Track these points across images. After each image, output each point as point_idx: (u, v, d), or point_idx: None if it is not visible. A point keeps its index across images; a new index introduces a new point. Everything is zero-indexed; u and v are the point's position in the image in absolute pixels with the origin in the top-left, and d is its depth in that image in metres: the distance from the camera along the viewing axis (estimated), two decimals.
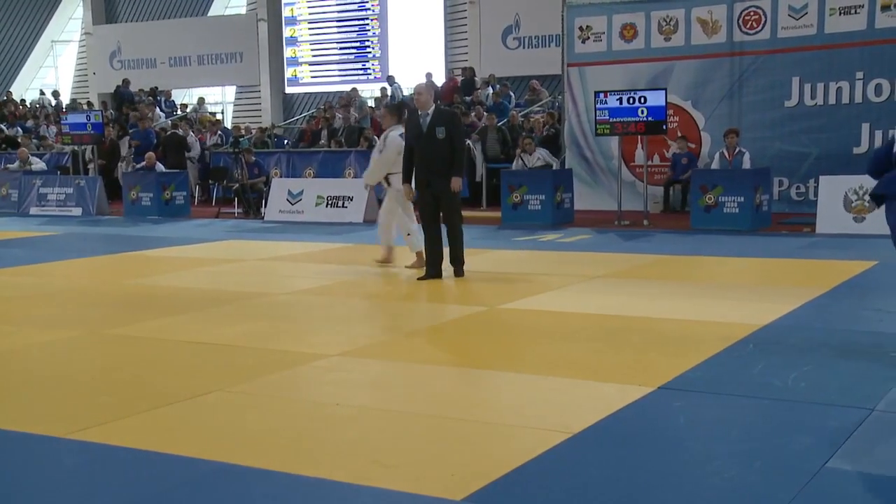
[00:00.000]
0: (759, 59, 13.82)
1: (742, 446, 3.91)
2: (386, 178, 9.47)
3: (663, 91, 13.18)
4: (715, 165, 13.44)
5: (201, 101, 24.50)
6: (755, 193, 12.45)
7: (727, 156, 13.24)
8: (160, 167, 17.42)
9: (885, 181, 5.57)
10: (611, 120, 13.30)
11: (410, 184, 8.66)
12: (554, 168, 15.03)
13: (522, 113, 18.20)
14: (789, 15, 13.54)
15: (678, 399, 4.61)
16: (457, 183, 8.50)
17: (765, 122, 13.85)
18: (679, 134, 14.48)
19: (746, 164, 13.07)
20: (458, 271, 8.64)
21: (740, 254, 10.08)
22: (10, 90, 28.49)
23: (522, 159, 14.80)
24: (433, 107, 8.70)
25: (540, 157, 15.16)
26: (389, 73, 22.80)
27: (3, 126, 24.17)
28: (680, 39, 14.37)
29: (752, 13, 13.80)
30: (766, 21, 13.72)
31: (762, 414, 4.38)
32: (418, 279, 8.61)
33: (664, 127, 13.30)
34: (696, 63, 14.26)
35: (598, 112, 13.50)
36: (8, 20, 30.05)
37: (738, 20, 13.90)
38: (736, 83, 14.03)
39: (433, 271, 8.58)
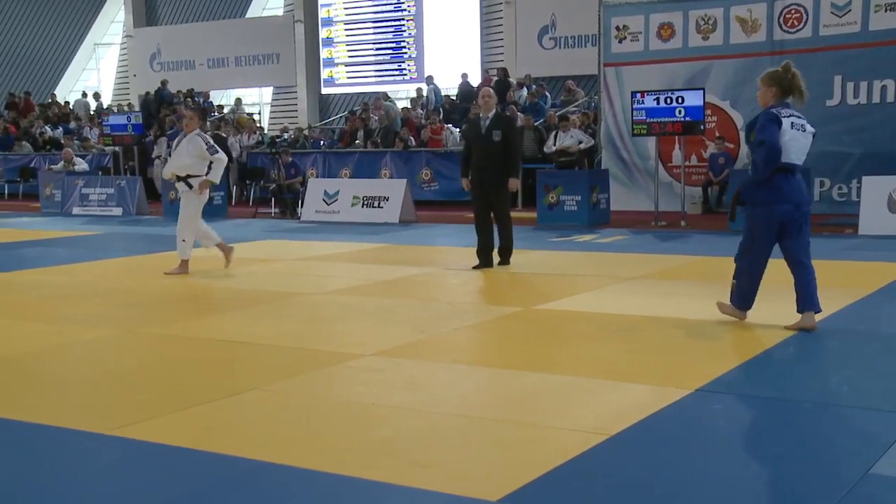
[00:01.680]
0: (799, 58, 13.55)
1: (782, 450, 3.84)
2: (186, 180, 9.19)
3: (701, 91, 13.05)
4: None
5: (239, 101, 24.70)
6: None
7: None
8: None
9: None
10: (648, 120, 13.21)
11: (467, 179, 9.32)
12: (583, 146, 15.25)
13: (559, 113, 18.11)
14: (832, 12, 13.34)
15: (716, 402, 4.55)
16: (513, 184, 9.22)
17: None
18: (717, 134, 14.33)
19: None
20: (506, 260, 9.30)
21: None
22: (55, 92, 28.96)
23: (556, 138, 15.11)
24: (494, 111, 9.29)
25: (573, 135, 15.32)
26: (427, 74, 22.81)
27: (47, 127, 24.55)
28: (718, 38, 14.21)
29: (793, 11, 13.62)
30: (807, 19, 13.53)
31: (803, 418, 4.31)
32: (473, 268, 9.17)
33: (702, 127, 13.17)
34: (735, 62, 14.10)
35: (634, 112, 13.41)
36: (53, 24, 30.56)
37: (779, 18, 13.72)
38: None
39: (484, 261, 9.23)
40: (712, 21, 14.21)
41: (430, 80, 22.19)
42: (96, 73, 31.78)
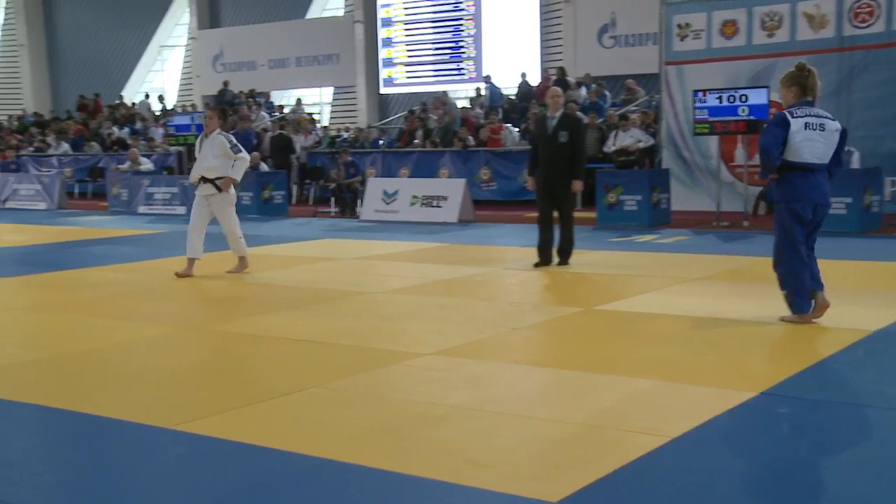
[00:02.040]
0: (870, 54, 13.30)
1: (851, 456, 3.76)
2: (215, 182, 9.09)
3: (766, 89, 12.82)
4: None
5: (299, 102, 24.97)
6: (864, 194, 11.99)
7: None
8: (263, 167, 17.83)
9: None
10: (710, 119, 13.02)
11: (533, 177, 9.43)
12: (642, 146, 15.15)
13: (619, 112, 17.95)
14: None
15: (782, 405, 4.46)
16: (577, 185, 9.26)
17: (875, 119, 13.31)
18: None
19: (855, 164, 12.60)
20: (564, 261, 9.32)
21: (847, 257, 9.72)
22: (122, 94, 29.62)
23: (616, 138, 15.09)
24: (561, 111, 9.36)
25: (633, 135, 15.24)
26: (485, 73, 22.79)
27: (115, 128, 25.12)
28: (784, 35, 13.94)
29: (864, 6, 13.29)
30: (879, 13, 13.19)
31: (872, 423, 4.21)
32: (533, 266, 9.22)
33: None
34: (801, 59, 13.78)
35: (696, 111, 13.23)
36: (121, 28, 31.29)
37: (849, 13, 13.41)
38: (844, 80, 13.52)
39: (544, 259, 9.30)
40: (778, 17, 13.94)
41: (488, 79, 22.16)
42: (161, 74, 32.44)
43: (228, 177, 9.09)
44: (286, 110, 24.33)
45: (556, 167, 9.14)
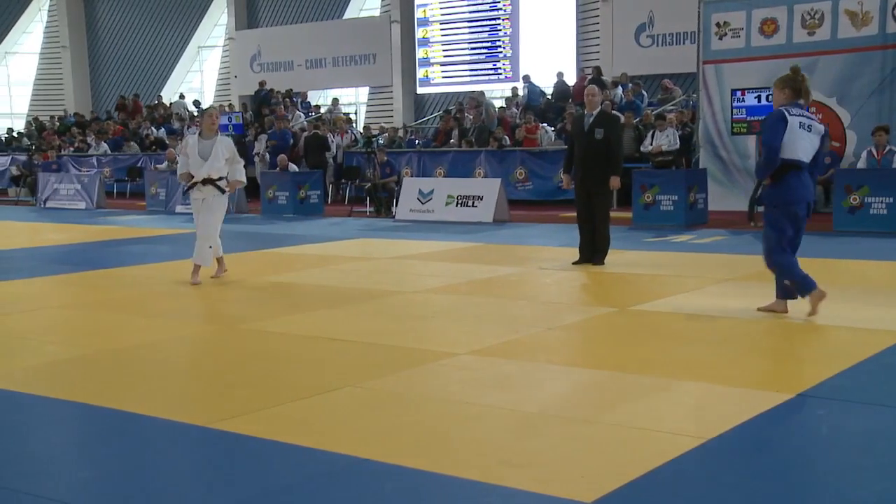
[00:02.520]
0: None
1: (890, 459, 3.70)
2: (216, 183, 8.74)
3: None
4: (861, 164, 12.81)
5: (335, 101, 25.09)
6: None
7: (875, 155, 12.60)
8: (293, 168, 17.94)
9: None
10: (748, 118, 12.88)
11: (569, 175, 9.56)
12: (665, 148, 15.17)
13: (655, 112, 17.83)
14: None
15: (820, 407, 4.40)
16: (615, 181, 9.27)
17: None
18: None
19: None
20: (598, 260, 9.28)
21: (888, 258, 9.57)
22: (161, 94, 29.98)
23: (653, 137, 15.15)
24: (598, 109, 9.43)
25: (668, 135, 15.24)
26: (524, 73, 22.73)
27: (152, 128, 25.42)
28: (825, 33, 13.74)
29: None
30: None
31: None
32: (573, 263, 9.30)
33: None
34: (843, 57, 13.61)
35: (734, 110, 13.10)
36: (160, 29, 31.68)
37: (893, 10, 13.18)
38: (888, 78, 13.31)
39: (585, 257, 9.34)
40: (819, 15, 13.75)
41: (527, 78, 22.10)
42: (200, 75, 32.76)
43: (237, 179, 8.99)
44: (322, 110, 24.44)
45: (591, 165, 9.20)
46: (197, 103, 28.25)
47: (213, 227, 8.79)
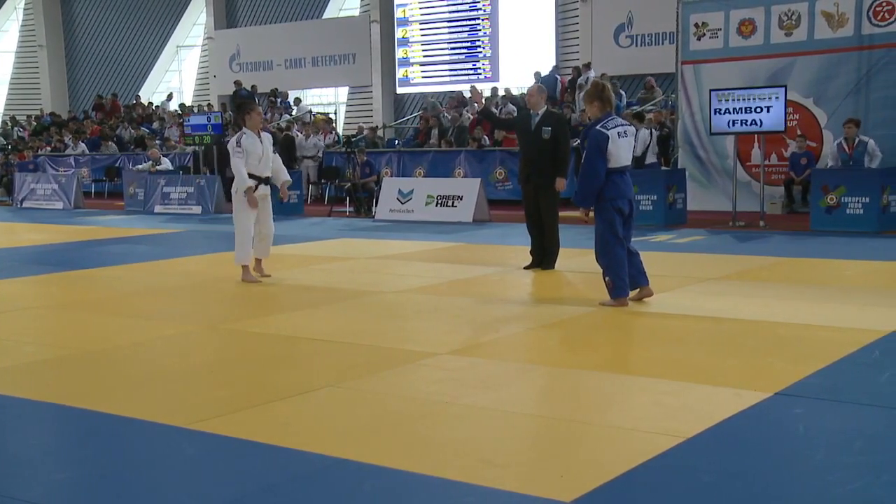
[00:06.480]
0: (890, 53, 13.20)
1: (867, 458, 3.73)
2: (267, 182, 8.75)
3: (783, 88, 12.75)
4: (832, 159, 12.94)
5: (297, 101, 24.93)
6: (882, 194, 11.92)
7: (846, 148, 12.73)
8: None
9: None
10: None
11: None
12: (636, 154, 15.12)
13: (635, 112, 17.91)
14: None
15: (797, 406, 4.44)
16: (560, 183, 9.02)
17: (894, 118, 13.23)
18: (798, 133, 13.99)
19: (872, 153, 12.53)
20: (548, 264, 9.11)
21: (864, 257, 9.66)
22: (139, 94, 29.80)
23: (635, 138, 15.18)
24: (544, 108, 9.12)
25: (643, 136, 15.21)
26: (502, 73, 22.70)
27: (130, 129, 25.26)
28: (802, 34, 13.86)
29: (884, 4, 13.19)
30: None
31: (889, 424, 4.18)
32: (524, 268, 9.16)
33: (783, 125, 12.87)
34: (819, 58, 13.73)
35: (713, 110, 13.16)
36: (138, 27, 31.50)
37: (868, 12, 13.31)
38: (863, 79, 13.44)
39: (536, 261, 9.20)
40: (796, 16, 13.87)
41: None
42: (178, 74, 32.59)
43: (287, 179, 9.04)
44: (294, 111, 24.36)
45: (538, 165, 8.96)
46: (170, 97, 28.08)
47: (271, 225, 8.85)
